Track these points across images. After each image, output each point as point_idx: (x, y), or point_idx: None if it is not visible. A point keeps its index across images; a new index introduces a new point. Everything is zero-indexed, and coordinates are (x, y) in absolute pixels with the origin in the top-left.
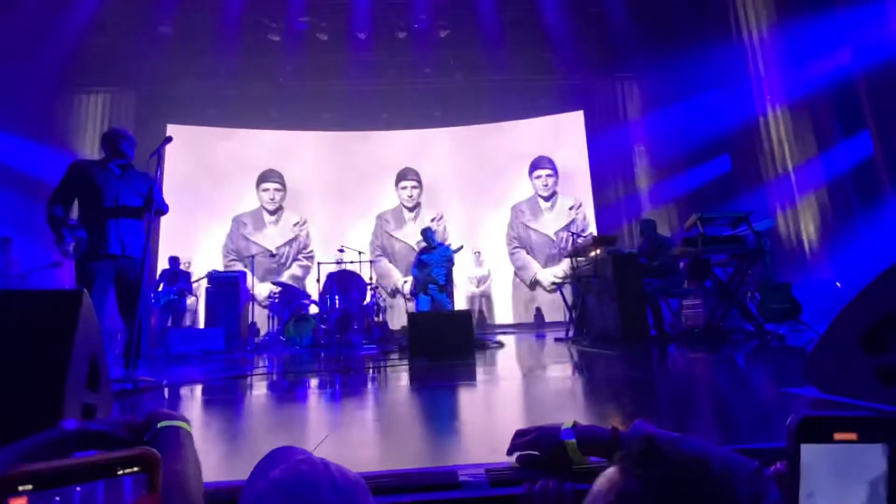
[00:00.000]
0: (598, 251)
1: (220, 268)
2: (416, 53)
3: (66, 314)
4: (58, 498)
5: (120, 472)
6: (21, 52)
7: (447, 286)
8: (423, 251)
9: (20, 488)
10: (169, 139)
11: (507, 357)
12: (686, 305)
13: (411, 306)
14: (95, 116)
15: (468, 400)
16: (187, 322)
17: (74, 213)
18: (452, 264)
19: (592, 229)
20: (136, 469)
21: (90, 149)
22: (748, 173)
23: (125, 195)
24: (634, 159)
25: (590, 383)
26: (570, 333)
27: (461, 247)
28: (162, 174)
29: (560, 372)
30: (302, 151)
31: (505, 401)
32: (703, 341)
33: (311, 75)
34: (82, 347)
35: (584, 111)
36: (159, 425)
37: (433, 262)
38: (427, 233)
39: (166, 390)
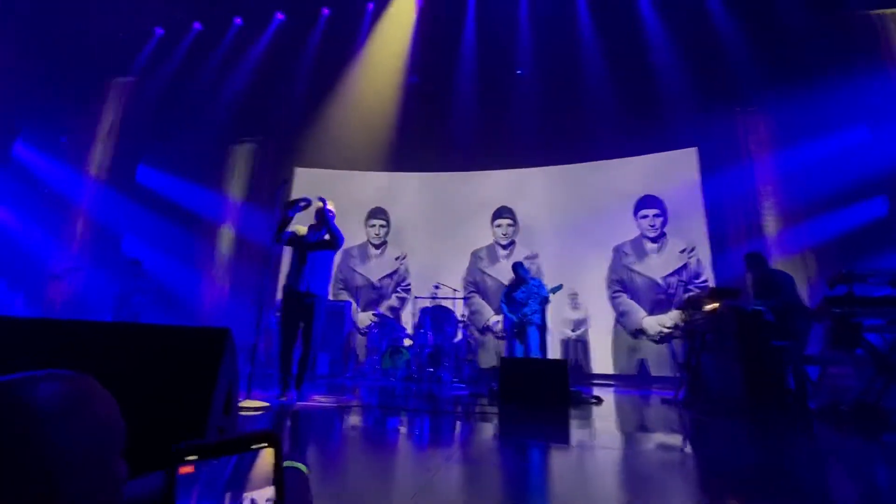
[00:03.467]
0: (718, 305)
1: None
2: (518, 98)
3: (214, 350)
4: (214, 464)
5: (254, 447)
6: (194, 112)
7: (542, 325)
8: (511, 284)
9: (187, 458)
10: (308, 202)
11: (606, 416)
12: (828, 375)
13: (501, 344)
14: (242, 162)
15: (561, 466)
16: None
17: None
18: (548, 302)
19: (708, 276)
20: (264, 444)
21: (235, 190)
22: None
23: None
24: (760, 200)
25: (708, 462)
26: (681, 395)
27: (560, 286)
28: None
29: (670, 441)
30: (406, 191)
31: (603, 473)
32: (854, 421)
33: (418, 122)
34: (224, 378)
35: (698, 148)
36: None
37: (528, 299)
38: (518, 267)
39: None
